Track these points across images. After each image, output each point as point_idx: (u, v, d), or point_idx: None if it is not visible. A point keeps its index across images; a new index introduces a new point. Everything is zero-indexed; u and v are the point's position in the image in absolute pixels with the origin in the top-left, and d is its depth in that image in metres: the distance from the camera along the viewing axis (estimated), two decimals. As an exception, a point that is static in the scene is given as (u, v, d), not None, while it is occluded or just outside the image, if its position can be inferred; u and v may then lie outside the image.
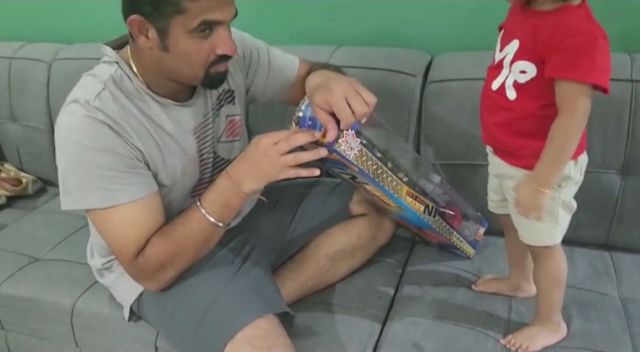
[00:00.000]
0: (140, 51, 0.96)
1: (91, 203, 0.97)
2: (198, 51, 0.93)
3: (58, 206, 1.59)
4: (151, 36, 0.92)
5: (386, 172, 1.07)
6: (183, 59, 0.94)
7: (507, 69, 0.93)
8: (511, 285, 1.18)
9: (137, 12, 0.89)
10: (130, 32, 0.93)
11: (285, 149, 0.93)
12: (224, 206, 0.99)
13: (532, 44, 0.88)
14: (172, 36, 0.91)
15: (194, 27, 0.89)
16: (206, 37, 0.92)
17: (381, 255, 1.33)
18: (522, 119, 0.93)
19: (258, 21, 1.41)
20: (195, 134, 1.07)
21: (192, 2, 0.87)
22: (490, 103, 0.97)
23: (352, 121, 0.91)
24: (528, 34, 0.88)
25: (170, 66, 0.96)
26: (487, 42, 1.40)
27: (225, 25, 0.93)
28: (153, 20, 0.90)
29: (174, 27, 0.90)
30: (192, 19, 0.88)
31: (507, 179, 1.01)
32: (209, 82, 1.00)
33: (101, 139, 0.94)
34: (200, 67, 0.95)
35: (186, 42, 0.91)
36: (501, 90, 0.94)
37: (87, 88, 0.97)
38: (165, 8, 0.87)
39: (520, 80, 0.91)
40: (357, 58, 1.41)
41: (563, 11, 0.86)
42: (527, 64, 0.89)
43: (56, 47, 1.69)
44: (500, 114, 0.96)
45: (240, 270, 1.11)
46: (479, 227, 1.33)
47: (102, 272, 1.18)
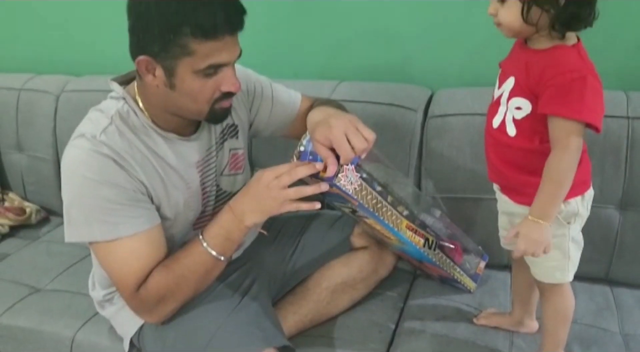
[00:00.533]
0: (147, 88, 0.99)
1: (94, 235, 0.98)
2: (203, 89, 0.95)
3: (60, 236, 1.61)
4: (158, 75, 0.95)
5: (386, 206, 1.08)
6: (188, 96, 0.96)
7: (504, 106, 0.95)
8: (513, 320, 1.18)
9: (145, 52, 0.92)
10: (138, 70, 0.96)
11: (287, 183, 0.94)
12: (225, 239, 1.00)
13: (526, 81, 0.91)
14: (178, 75, 0.93)
15: (201, 69, 0.92)
16: (211, 76, 0.94)
17: (382, 288, 1.33)
18: (523, 155, 0.95)
19: (262, 56, 1.44)
20: (199, 168, 1.09)
21: (199, 45, 0.89)
22: (493, 141, 1.00)
23: (351, 157, 0.93)
24: (522, 71, 0.91)
25: (176, 103, 0.98)
26: (487, 78, 1.43)
27: (230, 65, 0.96)
28: (160, 60, 0.92)
29: (181, 67, 0.92)
30: (200, 61, 0.91)
31: (516, 217, 1.02)
32: (213, 117, 1.02)
33: (105, 173, 0.95)
34: (205, 104, 0.98)
35: (192, 81, 0.94)
36: (502, 127, 0.96)
37: (94, 123, 0.99)
38: (173, 50, 0.90)
39: (517, 117, 0.93)
40: (359, 93, 1.44)
41: (556, 50, 0.89)
42: (522, 100, 0.92)
43: (64, 80, 1.73)
44: (503, 152, 0.98)
45: (241, 303, 1.11)
46: (480, 261, 1.33)
47: (103, 304, 1.18)
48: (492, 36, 1.38)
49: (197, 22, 0.88)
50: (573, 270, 1.02)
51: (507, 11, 0.88)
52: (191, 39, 0.89)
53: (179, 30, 0.88)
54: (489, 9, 0.92)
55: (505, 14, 0.89)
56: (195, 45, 0.89)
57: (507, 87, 0.95)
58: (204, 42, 0.89)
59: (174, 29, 0.88)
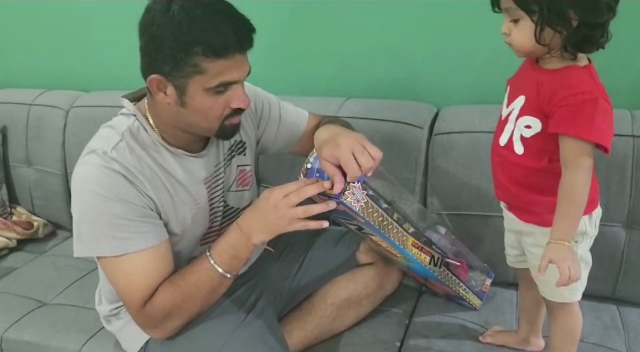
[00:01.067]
0: (158, 106, 1.01)
1: (103, 250, 0.99)
2: (214, 106, 0.97)
3: (67, 250, 1.63)
4: (169, 93, 0.96)
5: (392, 223, 1.08)
6: (199, 113, 0.98)
7: (512, 124, 0.96)
8: (519, 338, 1.17)
9: (157, 71, 0.94)
10: (149, 89, 0.98)
11: (296, 202, 0.95)
12: (232, 257, 1.00)
13: (537, 100, 0.91)
14: (189, 93, 0.95)
15: (212, 87, 0.94)
16: (222, 93, 0.96)
17: (388, 304, 1.33)
18: (531, 173, 0.96)
19: (269, 73, 1.45)
20: (206, 184, 1.10)
21: (210, 63, 0.91)
22: (500, 159, 1.00)
23: (358, 175, 0.94)
24: (533, 90, 0.92)
25: (187, 120, 1.00)
26: (493, 96, 1.44)
27: (240, 82, 0.97)
28: (172, 79, 0.94)
29: (192, 85, 0.94)
30: (211, 79, 0.93)
31: (524, 235, 1.03)
32: (222, 133, 1.03)
33: (115, 189, 0.96)
34: (215, 121, 0.99)
35: (203, 99, 0.95)
36: (509, 145, 0.97)
37: (105, 139, 1.01)
38: (185, 69, 0.92)
39: (525, 135, 0.94)
40: (365, 110, 1.45)
41: (568, 70, 0.90)
42: (532, 119, 0.93)
43: (74, 95, 1.75)
44: (510, 170, 0.98)
45: (247, 319, 1.11)
46: (486, 278, 1.33)
47: (110, 318, 1.18)
48: (498, 54, 1.40)
49: (209, 41, 0.90)
50: (581, 289, 1.02)
51: (520, 32, 0.89)
52: (202, 58, 0.91)
53: (191, 50, 0.90)
54: (502, 28, 0.92)
55: (518, 35, 0.89)
56: (206, 64, 0.91)
57: (517, 105, 0.95)
58: (215, 60, 0.91)
59: (186, 48, 0.90)
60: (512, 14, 0.89)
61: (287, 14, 1.56)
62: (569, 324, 1.04)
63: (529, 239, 1.02)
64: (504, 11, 0.91)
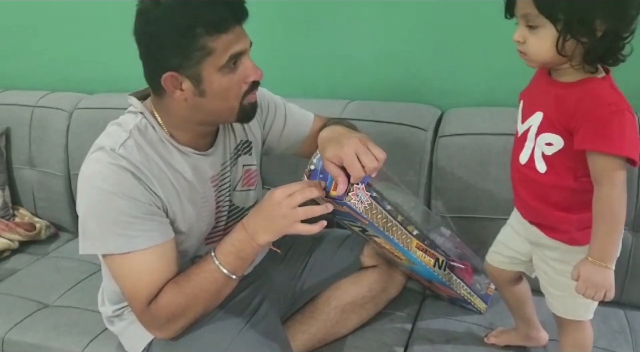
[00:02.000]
0: (172, 104, 1.00)
1: (109, 248, 0.98)
2: (231, 85, 0.97)
3: (70, 252, 1.64)
4: (185, 87, 0.96)
5: (396, 225, 1.07)
6: (219, 97, 0.97)
7: (531, 141, 0.91)
8: (520, 335, 1.16)
9: (167, 69, 0.94)
10: (165, 89, 0.97)
11: (299, 202, 0.94)
12: (237, 258, 1.00)
13: (557, 116, 0.86)
14: (205, 79, 0.95)
15: (224, 64, 0.94)
16: (235, 70, 0.96)
17: (391, 308, 1.32)
18: (557, 192, 0.91)
19: (273, 75, 1.44)
20: (214, 183, 1.10)
21: (216, 41, 0.92)
22: (521, 177, 0.95)
23: (362, 175, 0.93)
24: (551, 105, 0.87)
25: (208, 109, 0.99)
26: (497, 98, 1.45)
27: (247, 54, 0.98)
28: (184, 71, 0.94)
29: (206, 69, 0.94)
30: (221, 56, 0.93)
31: (546, 249, 0.98)
32: (244, 114, 1.03)
33: (122, 186, 0.96)
34: (235, 101, 0.99)
35: (220, 80, 0.95)
36: (530, 164, 0.92)
37: (113, 136, 1.01)
38: (193, 55, 0.92)
39: (547, 153, 0.89)
40: (369, 112, 1.45)
41: (588, 82, 0.85)
42: (553, 136, 0.87)
43: (77, 97, 1.75)
44: (534, 188, 0.94)
45: (251, 321, 1.11)
46: (490, 282, 1.32)
47: (112, 319, 1.18)
48: (502, 57, 1.40)
49: (207, 19, 0.90)
50: (595, 306, 0.99)
51: (539, 40, 0.83)
52: (207, 37, 0.91)
53: (194, 34, 0.90)
54: (515, 36, 0.85)
55: (536, 43, 0.83)
56: (212, 42, 0.91)
57: (534, 121, 0.90)
58: (219, 36, 0.91)
59: (188, 33, 0.90)
60: (531, 21, 0.82)
61: (291, 17, 1.57)
62: (580, 339, 1.02)
63: (552, 253, 0.97)
64: (519, 17, 0.85)
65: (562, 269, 0.94)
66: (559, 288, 0.97)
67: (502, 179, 1.30)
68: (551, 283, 0.99)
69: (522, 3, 0.83)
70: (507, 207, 1.29)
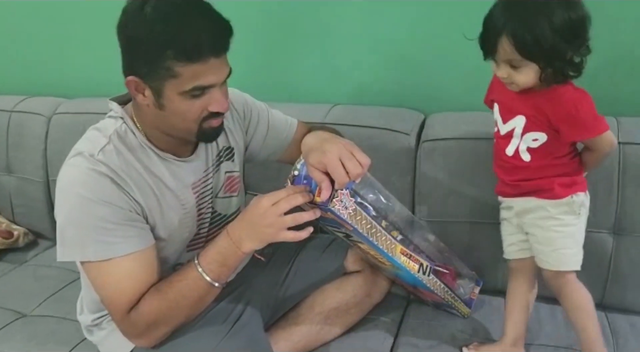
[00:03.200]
0: (140, 108, 0.99)
1: (87, 255, 0.96)
2: (191, 109, 0.95)
3: (48, 260, 1.61)
4: (147, 95, 0.95)
5: (380, 231, 1.07)
6: (177, 115, 0.96)
7: (517, 138, 1.07)
8: (505, 345, 1.16)
9: (134, 73, 0.93)
10: (129, 91, 0.96)
11: (285, 209, 0.94)
12: (221, 265, 0.98)
13: (541, 119, 1.03)
14: (165, 96, 0.93)
15: (187, 90, 0.92)
16: (199, 97, 0.94)
17: (376, 313, 1.31)
18: (540, 170, 1.08)
19: (256, 79, 1.45)
20: (195, 189, 1.08)
21: (183, 68, 0.89)
22: (507, 165, 1.11)
23: (346, 181, 0.93)
24: (531, 110, 1.04)
25: (167, 122, 0.98)
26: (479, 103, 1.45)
27: (217, 86, 0.95)
28: (148, 81, 0.93)
29: (167, 89, 0.92)
30: (185, 83, 0.91)
31: (534, 212, 1.11)
32: (203, 136, 1.02)
33: (101, 191, 0.95)
34: (193, 123, 0.97)
35: (179, 102, 0.94)
36: (516, 155, 1.09)
37: (92, 142, 0.99)
38: (159, 72, 0.90)
39: (533, 146, 1.06)
40: (352, 116, 1.45)
41: (557, 89, 1.01)
42: (538, 133, 1.05)
43: (56, 102, 1.73)
44: (518, 173, 1.10)
45: (233, 329, 1.10)
46: (474, 286, 1.32)
47: (91, 329, 1.15)
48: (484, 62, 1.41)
49: (181, 45, 0.88)
50: (580, 259, 1.10)
51: (524, 76, 0.99)
52: (175, 62, 0.89)
53: (163, 53, 0.88)
54: (499, 74, 1.01)
55: (522, 78, 0.99)
56: (178, 68, 0.89)
57: (518, 123, 1.06)
58: (188, 65, 0.89)
59: (158, 51, 0.88)
60: (516, 63, 0.97)
61: (274, 21, 1.56)
62: (577, 298, 1.10)
63: (539, 213, 1.10)
64: (501, 62, 0.99)
65: (549, 224, 1.09)
66: (549, 243, 1.09)
67: (485, 183, 1.30)
68: (542, 241, 1.10)
69: (505, 51, 0.97)
70: (490, 211, 1.31)
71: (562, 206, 1.08)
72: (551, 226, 1.09)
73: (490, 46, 0.99)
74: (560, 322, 1.26)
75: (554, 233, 1.09)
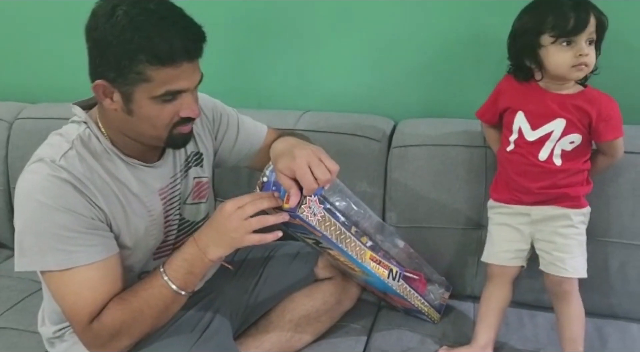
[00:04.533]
0: (107, 112, 0.97)
1: (48, 264, 0.93)
2: (161, 115, 0.94)
3: (8, 270, 1.55)
4: (116, 99, 0.93)
5: (349, 237, 1.07)
6: (146, 121, 0.94)
7: (552, 142, 1.12)
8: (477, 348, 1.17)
9: (102, 77, 0.91)
10: (95, 95, 0.94)
11: (250, 213, 0.93)
12: (188, 273, 0.97)
13: (582, 120, 1.10)
14: (135, 101, 0.92)
15: (158, 95, 0.91)
16: (170, 102, 0.93)
17: (346, 320, 1.31)
18: (568, 176, 1.13)
19: (226, 85, 1.43)
20: (162, 195, 1.06)
21: (155, 71, 0.88)
22: (535, 171, 1.14)
23: (314, 188, 0.92)
24: (573, 112, 1.10)
25: (135, 128, 0.96)
26: (448, 109, 1.47)
27: (189, 91, 0.94)
28: (117, 86, 0.91)
29: (138, 93, 0.91)
30: (156, 87, 0.90)
31: (554, 220, 1.15)
32: (172, 143, 1.00)
33: (62, 199, 0.92)
34: (163, 129, 0.96)
35: (149, 107, 0.92)
36: (549, 160, 1.13)
37: (54, 147, 0.96)
38: (129, 76, 0.89)
39: (567, 149, 1.12)
40: (323, 123, 1.44)
41: (590, 91, 1.12)
42: (575, 135, 1.11)
43: (19, 106, 1.68)
44: (548, 179, 1.14)
45: (201, 338, 1.07)
46: (444, 291, 1.33)
47: (53, 341, 1.12)
48: (454, 69, 1.43)
49: (153, 49, 0.86)
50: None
51: (593, 52, 1.07)
52: (147, 66, 0.87)
53: (135, 58, 0.87)
54: (584, 50, 1.06)
55: (592, 55, 1.07)
56: (151, 72, 0.88)
57: (555, 127, 1.11)
58: (161, 68, 0.88)
59: (130, 55, 0.87)
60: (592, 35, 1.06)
61: (244, 27, 1.55)
62: (578, 308, 1.14)
63: (561, 222, 1.14)
64: (586, 39, 1.05)
65: (570, 232, 1.14)
66: (569, 251, 1.13)
67: (455, 189, 1.32)
68: (562, 249, 1.14)
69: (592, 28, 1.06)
70: (460, 217, 1.32)
71: (581, 215, 1.15)
72: (572, 234, 1.14)
73: (582, 21, 1.04)
74: (528, 327, 1.28)
75: (573, 241, 1.14)
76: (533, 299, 1.33)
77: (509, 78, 1.18)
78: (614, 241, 1.26)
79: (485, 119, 1.24)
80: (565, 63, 1.06)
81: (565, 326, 1.15)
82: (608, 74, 1.14)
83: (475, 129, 1.31)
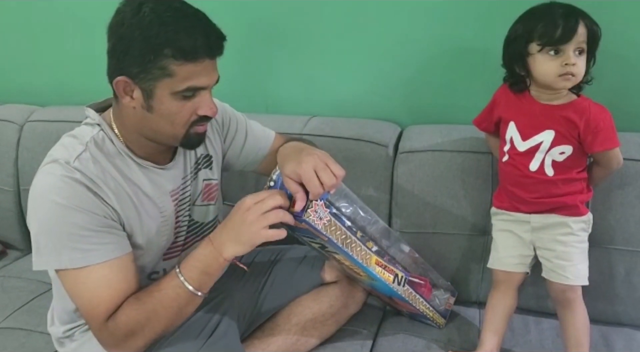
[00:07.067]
0: (124, 111, 0.99)
1: (63, 263, 0.95)
2: (181, 111, 0.95)
3: (18, 271, 1.57)
4: (136, 96, 0.95)
5: (355, 241, 1.07)
6: (166, 118, 0.96)
7: (542, 153, 1.11)
8: None
9: (124, 73, 0.92)
10: (115, 92, 0.96)
11: (270, 206, 0.94)
12: (202, 273, 0.97)
13: (571, 131, 1.08)
14: (156, 97, 0.94)
15: (180, 91, 0.93)
16: (190, 99, 0.95)
17: (352, 324, 1.31)
18: (561, 186, 1.12)
19: (234, 90, 1.44)
20: (173, 197, 1.08)
21: (179, 67, 0.90)
22: (528, 182, 1.13)
23: (320, 192, 0.93)
24: (562, 124, 1.09)
25: (152, 126, 0.98)
26: (455, 116, 1.48)
27: (208, 90, 0.97)
28: (139, 82, 0.93)
29: (160, 89, 0.93)
30: (179, 83, 0.92)
31: (554, 228, 1.14)
32: (187, 142, 1.02)
33: (77, 198, 0.93)
34: (181, 127, 0.98)
35: (170, 103, 0.94)
36: (540, 170, 1.12)
37: (68, 149, 0.98)
38: (153, 71, 0.91)
39: (558, 160, 1.11)
40: (330, 128, 1.45)
41: (582, 101, 1.09)
42: (565, 147, 1.10)
43: (29, 109, 1.70)
44: (541, 189, 1.13)
45: (209, 340, 1.08)
46: (449, 297, 1.33)
47: (63, 340, 1.13)
48: (460, 75, 1.44)
49: (179, 44, 0.89)
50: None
51: (582, 63, 1.06)
52: (172, 60, 0.90)
53: (160, 52, 0.89)
54: (570, 60, 1.04)
55: (581, 65, 1.05)
56: (175, 67, 0.90)
57: (545, 138, 1.10)
58: (184, 64, 0.90)
59: (155, 50, 0.89)
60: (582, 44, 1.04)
61: (253, 34, 1.56)
62: (584, 314, 1.14)
63: (560, 229, 1.13)
64: (574, 48, 1.04)
65: (569, 240, 1.13)
66: (569, 258, 1.13)
67: (461, 195, 1.32)
68: (562, 256, 1.13)
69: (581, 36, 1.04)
70: (466, 223, 1.33)
71: (581, 222, 1.14)
72: (572, 241, 1.13)
73: (569, 30, 1.02)
74: (534, 333, 1.28)
75: (573, 248, 1.13)
76: (538, 306, 1.34)
77: (504, 88, 1.18)
78: (619, 248, 1.27)
79: (482, 127, 1.25)
80: (552, 72, 1.05)
81: (570, 333, 1.15)
82: (611, 81, 1.14)
83: (482, 135, 1.32)
